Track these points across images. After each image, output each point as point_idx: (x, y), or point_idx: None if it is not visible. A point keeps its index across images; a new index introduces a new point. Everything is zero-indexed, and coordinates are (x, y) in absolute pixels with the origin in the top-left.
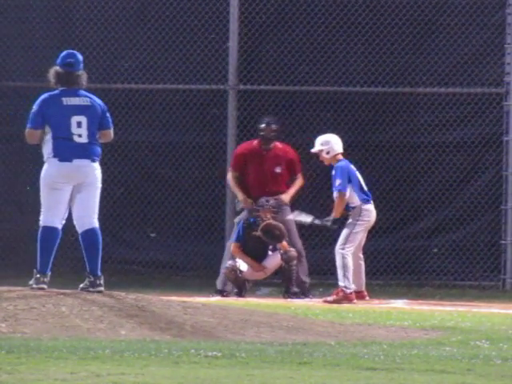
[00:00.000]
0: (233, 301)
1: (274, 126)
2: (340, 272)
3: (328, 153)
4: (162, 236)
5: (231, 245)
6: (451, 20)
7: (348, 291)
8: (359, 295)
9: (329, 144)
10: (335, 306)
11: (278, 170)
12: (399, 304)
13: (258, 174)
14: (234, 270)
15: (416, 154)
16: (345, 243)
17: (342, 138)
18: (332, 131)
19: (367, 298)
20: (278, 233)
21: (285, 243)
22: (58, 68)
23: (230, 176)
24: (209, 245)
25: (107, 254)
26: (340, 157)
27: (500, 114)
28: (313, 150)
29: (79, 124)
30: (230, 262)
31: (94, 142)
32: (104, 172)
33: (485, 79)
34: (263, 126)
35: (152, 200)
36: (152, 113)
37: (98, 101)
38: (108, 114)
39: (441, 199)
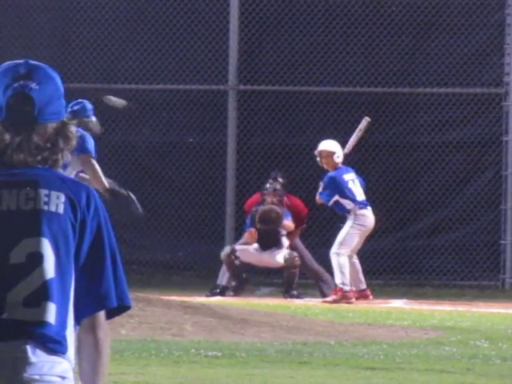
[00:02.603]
0: (233, 301)
1: (281, 180)
2: (336, 270)
3: (338, 157)
4: (162, 236)
5: (247, 232)
6: (451, 20)
7: (346, 288)
8: (362, 294)
9: (340, 150)
10: (335, 305)
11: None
12: (399, 304)
13: None
14: (229, 255)
15: (416, 154)
16: (340, 245)
17: (342, 138)
18: (332, 131)
19: (370, 297)
20: (274, 215)
21: (288, 222)
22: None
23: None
24: (209, 245)
25: None
26: (340, 165)
27: (500, 114)
28: (328, 149)
29: None
30: (226, 248)
31: None
32: (104, 172)
33: (485, 79)
34: (270, 180)
35: (152, 200)
36: (152, 113)
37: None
38: (87, 140)
39: (441, 199)
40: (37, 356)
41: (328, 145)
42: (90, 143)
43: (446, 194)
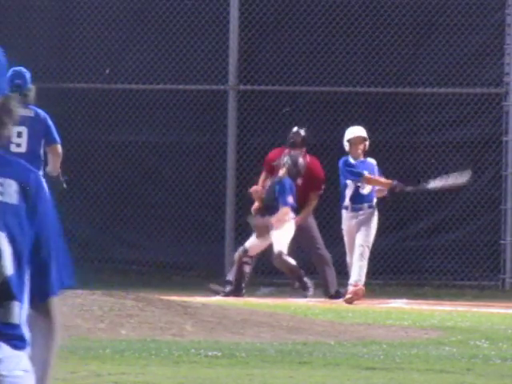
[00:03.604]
0: (233, 301)
1: (302, 132)
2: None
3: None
4: (162, 236)
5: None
6: (451, 20)
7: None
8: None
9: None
10: (335, 305)
11: (299, 181)
12: (399, 304)
13: None
14: (241, 256)
15: (416, 154)
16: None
17: (341, 138)
18: (332, 131)
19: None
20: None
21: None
22: None
23: (262, 175)
24: (209, 245)
25: (107, 253)
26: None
27: (500, 114)
28: (363, 135)
29: (19, 134)
30: (240, 248)
31: (33, 154)
32: (104, 172)
33: (485, 79)
34: (292, 133)
35: (152, 200)
36: (152, 113)
37: (43, 114)
38: (53, 129)
39: (441, 199)
40: (3, 353)
41: (358, 131)
42: (55, 129)
43: (446, 194)
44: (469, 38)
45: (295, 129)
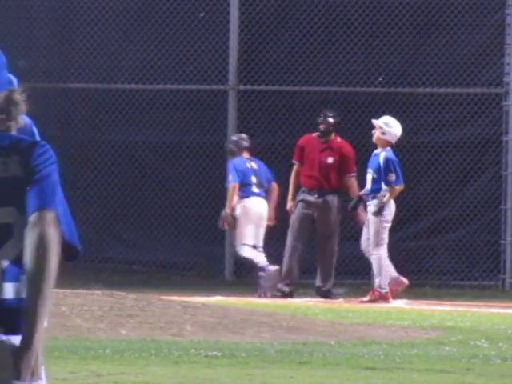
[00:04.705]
0: (233, 301)
1: (330, 120)
2: (376, 272)
3: (383, 134)
4: (162, 236)
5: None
6: (451, 20)
7: (383, 291)
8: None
9: (391, 128)
10: (335, 305)
11: (329, 160)
12: (399, 304)
13: (310, 164)
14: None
15: (416, 154)
16: (376, 244)
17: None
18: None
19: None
20: None
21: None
22: None
23: (294, 169)
24: (209, 245)
25: (107, 253)
26: (389, 147)
27: (500, 114)
28: (374, 122)
29: None
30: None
31: None
32: (104, 172)
33: (485, 79)
34: (320, 119)
35: (152, 200)
36: (152, 113)
37: (28, 120)
38: (36, 137)
39: (441, 199)
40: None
41: (382, 119)
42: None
43: (445, 194)
44: (469, 38)
45: (323, 114)
